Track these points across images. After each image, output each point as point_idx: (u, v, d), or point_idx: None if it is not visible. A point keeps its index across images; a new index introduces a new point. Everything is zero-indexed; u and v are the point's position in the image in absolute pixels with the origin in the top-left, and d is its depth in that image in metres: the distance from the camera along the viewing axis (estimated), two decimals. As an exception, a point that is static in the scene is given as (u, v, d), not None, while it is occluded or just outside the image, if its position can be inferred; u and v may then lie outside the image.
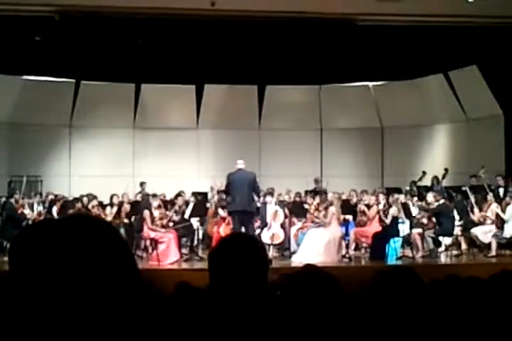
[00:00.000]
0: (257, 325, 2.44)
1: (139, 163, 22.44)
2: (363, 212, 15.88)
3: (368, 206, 15.75)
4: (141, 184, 18.96)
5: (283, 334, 2.50)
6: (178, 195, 16.77)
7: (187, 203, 16.29)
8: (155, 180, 20.39)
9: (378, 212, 15.51)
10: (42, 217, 15.88)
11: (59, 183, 21.03)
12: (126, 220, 16.17)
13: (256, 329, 2.43)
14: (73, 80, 21.85)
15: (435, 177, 18.49)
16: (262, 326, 2.44)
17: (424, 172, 18.63)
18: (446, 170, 18.25)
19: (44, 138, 21.71)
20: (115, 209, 16.42)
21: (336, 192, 16.18)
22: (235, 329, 2.42)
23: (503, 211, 15.28)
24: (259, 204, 16.96)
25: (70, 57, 20.19)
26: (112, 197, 16.81)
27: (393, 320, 2.94)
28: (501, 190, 16.76)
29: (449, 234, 15.28)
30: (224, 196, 16.47)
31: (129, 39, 19.62)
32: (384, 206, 15.77)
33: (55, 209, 16.85)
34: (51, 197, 17.77)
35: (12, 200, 16.28)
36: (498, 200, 15.83)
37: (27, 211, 16.28)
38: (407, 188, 18.25)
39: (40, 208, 17.02)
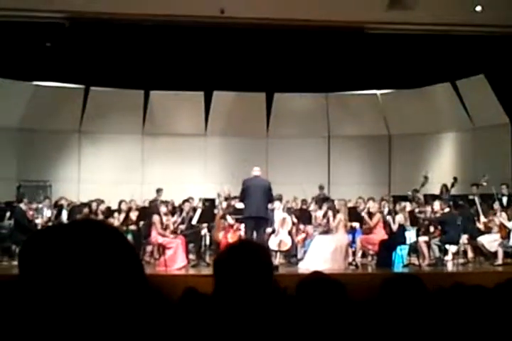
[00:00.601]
0: (261, 332, 2.46)
1: (148, 169, 22.51)
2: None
3: (371, 214, 15.72)
4: (158, 190, 18.92)
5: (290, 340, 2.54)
6: (186, 200, 16.81)
7: (194, 209, 16.33)
8: (163, 186, 20.47)
9: (382, 220, 15.53)
10: (51, 223, 15.89)
11: (68, 188, 21.06)
12: (133, 227, 16.18)
13: (261, 335, 2.46)
14: (83, 86, 21.93)
15: (444, 186, 18.36)
16: (266, 332, 2.47)
17: (426, 178, 18.44)
18: (455, 178, 18.13)
19: (54, 143, 21.77)
20: (123, 215, 16.45)
21: (342, 199, 16.18)
22: (239, 335, 2.45)
23: (510, 219, 15.30)
24: (268, 211, 17.00)
25: (80, 64, 20.27)
26: (120, 203, 16.81)
27: (398, 326, 2.99)
28: (505, 199, 16.77)
29: (455, 242, 15.31)
30: (232, 202, 16.52)
31: (138, 46, 19.69)
32: (388, 213, 15.80)
33: (64, 215, 16.88)
34: (63, 202, 17.75)
35: (21, 205, 16.34)
36: (503, 209, 15.86)
37: (38, 220, 16.32)
38: (409, 193, 18.17)
39: (49, 213, 17.02)
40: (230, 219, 16.25)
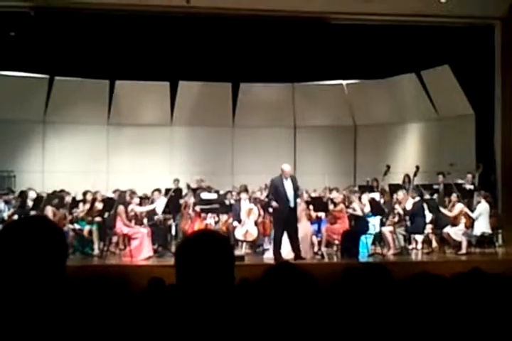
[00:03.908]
0: (224, 322, 2.48)
1: (113, 159, 22.37)
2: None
3: (335, 204, 15.72)
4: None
5: (253, 331, 2.56)
6: (156, 190, 16.82)
7: (161, 199, 16.31)
8: (128, 176, 20.42)
9: (344, 210, 15.53)
10: (16, 215, 15.66)
11: (32, 179, 20.86)
12: (98, 218, 16.02)
13: (224, 325, 2.48)
14: (47, 76, 21.71)
15: (406, 176, 18.50)
16: (229, 323, 2.49)
17: (388, 167, 18.49)
18: (417, 167, 18.27)
19: (17, 133, 21.50)
20: (87, 205, 16.33)
21: (301, 189, 16.19)
22: (202, 325, 2.47)
23: (473, 209, 15.45)
24: (233, 201, 17.05)
25: (44, 53, 20.08)
26: (85, 194, 16.69)
27: (364, 315, 3.02)
28: (469, 187, 16.93)
29: (420, 231, 15.44)
30: (199, 193, 16.74)
31: (104, 35, 19.56)
32: (351, 204, 15.80)
33: (29, 206, 16.70)
34: (30, 193, 17.48)
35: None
36: (468, 198, 16.02)
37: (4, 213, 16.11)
38: (368, 179, 18.25)
39: (15, 204, 16.80)
40: (197, 209, 16.29)
